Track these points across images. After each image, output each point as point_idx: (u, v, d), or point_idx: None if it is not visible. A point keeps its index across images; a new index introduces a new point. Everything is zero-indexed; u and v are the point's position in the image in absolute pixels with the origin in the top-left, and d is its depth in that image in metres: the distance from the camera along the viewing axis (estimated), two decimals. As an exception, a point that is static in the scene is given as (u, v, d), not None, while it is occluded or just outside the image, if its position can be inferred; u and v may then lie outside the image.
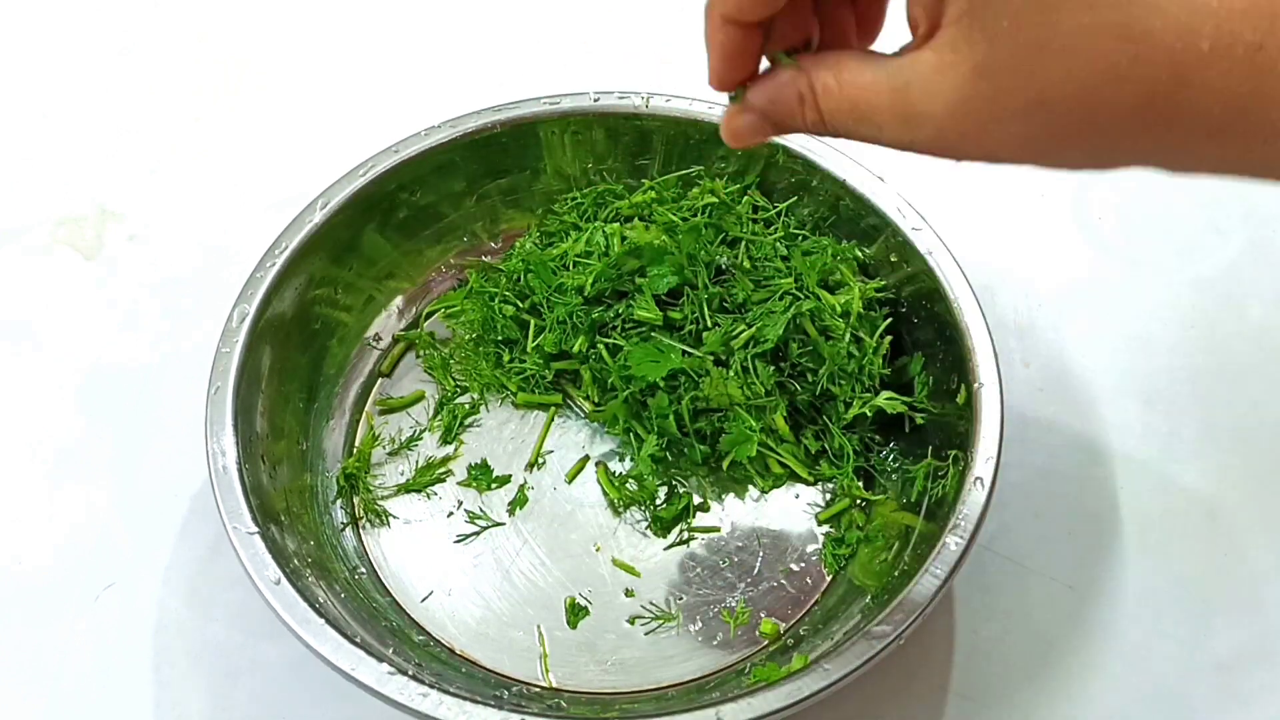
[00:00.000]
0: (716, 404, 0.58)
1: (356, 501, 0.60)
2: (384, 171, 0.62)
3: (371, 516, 0.60)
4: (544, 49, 0.85)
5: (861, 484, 0.60)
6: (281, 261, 0.58)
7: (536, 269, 0.63)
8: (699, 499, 0.60)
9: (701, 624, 0.57)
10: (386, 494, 0.61)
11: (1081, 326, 0.70)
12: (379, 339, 0.66)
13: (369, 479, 0.61)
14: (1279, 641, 0.59)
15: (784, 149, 0.63)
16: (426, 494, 0.61)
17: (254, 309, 0.57)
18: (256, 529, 0.50)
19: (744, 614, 0.57)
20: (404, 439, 0.63)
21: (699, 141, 0.65)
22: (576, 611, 0.57)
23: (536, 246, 0.66)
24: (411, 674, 0.47)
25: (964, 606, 0.59)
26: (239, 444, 0.53)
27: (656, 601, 0.57)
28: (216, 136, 0.80)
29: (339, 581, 0.54)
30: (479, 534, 0.60)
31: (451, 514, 0.60)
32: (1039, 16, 0.31)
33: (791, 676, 0.47)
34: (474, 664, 0.55)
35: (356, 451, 0.62)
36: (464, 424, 0.63)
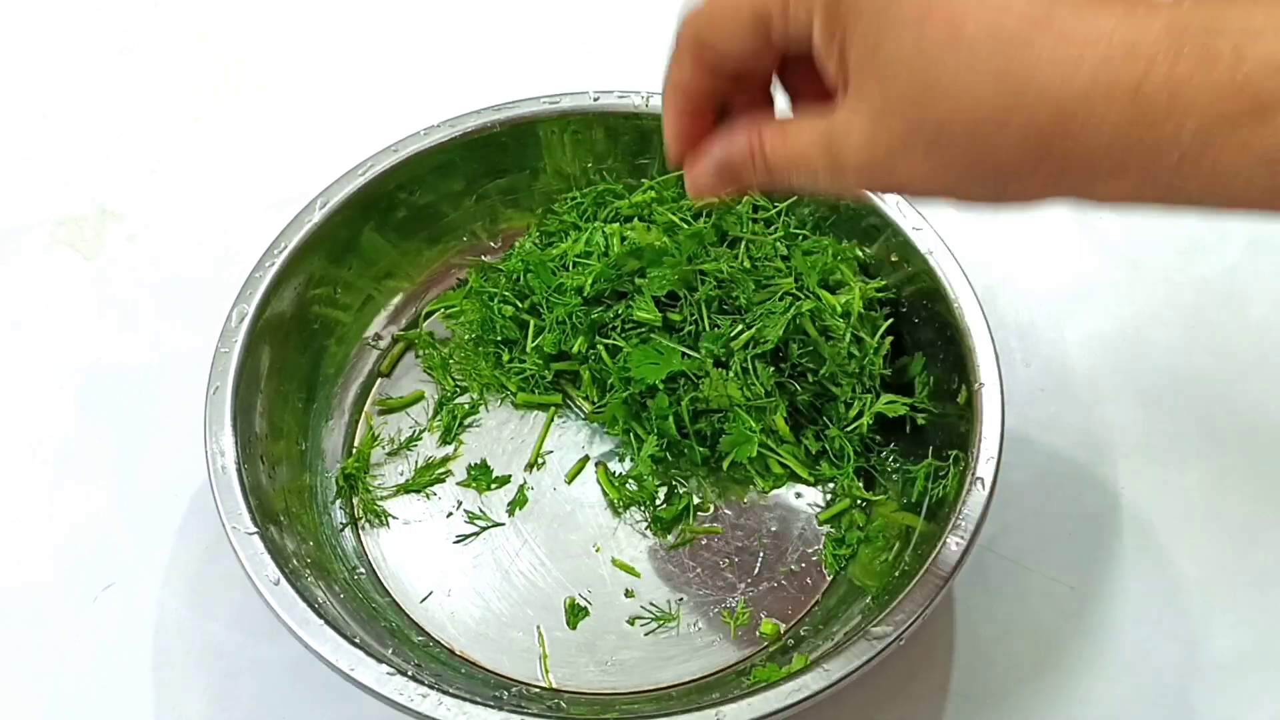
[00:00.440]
0: (716, 405, 0.58)
1: (356, 502, 0.60)
2: (383, 171, 0.62)
3: (371, 517, 0.60)
4: (544, 49, 0.85)
5: (862, 484, 0.60)
6: (280, 261, 0.58)
7: (536, 269, 0.63)
8: (699, 499, 0.60)
9: (701, 624, 0.57)
10: (386, 494, 0.61)
11: (1081, 326, 0.70)
12: (378, 339, 0.66)
13: (368, 479, 0.61)
14: (1279, 641, 0.59)
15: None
16: (426, 494, 0.61)
17: (253, 309, 0.57)
18: (256, 529, 0.50)
19: (744, 614, 0.57)
20: (403, 439, 0.63)
21: (699, 141, 0.65)
22: (576, 612, 0.57)
23: (536, 246, 0.66)
24: (411, 674, 0.47)
25: (964, 606, 0.59)
26: (238, 444, 0.53)
27: (656, 602, 0.57)
28: (216, 136, 0.80)
29: (338, 582, 0.54)
30: (478, 534, 0.60)
31: (451, 514, 0.60)
32: (924, 63, 0.34)
33: (792, 677, 0.46)
34: (473, 664, 0.55)
35: (356, 452, 0.62)
36: (463, 424, 0.63)
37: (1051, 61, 0.32)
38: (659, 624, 0.56)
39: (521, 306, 0.64)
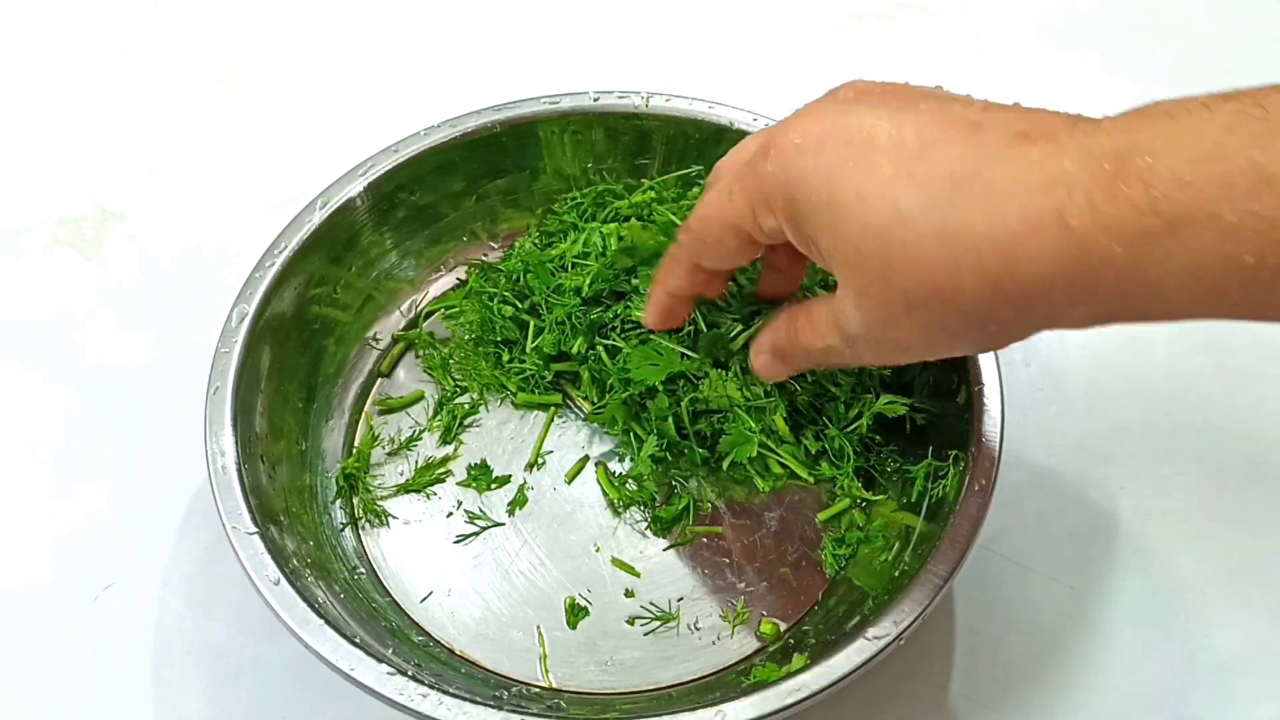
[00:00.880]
0: (716, 406, 0.58)
1: (356, 502, 0.60)
2: (383, 171, 0.62)
3: (371, 517, 0.60)
4: (544, 49, 0.85)
5: (862, 484, 0.60)
6: (280, 261, 0.58)
7: (535, 269, 0.63)
8: (699, 499, 0.60)
9: (701, 624, 0.57)
10: (386, 494, 0.61)
11: (1082, 326, 0.70)
12: (378, 339, 0.66)
13: (368, 479, 0.61)
14: (1279, 642, 0.59)
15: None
16: (426, 494, 0.61)
17: (253, 309, 0.57)
18: (256, 529, 0.50)
19: (744, 614, 0.57)
20: (403, 439, 0.63)
21: (699, 141, 0.65)
22: (576, 612, 0.57)
23: (536, 247, 0.66)
24: (411, 674, 0.47)
25: (964, 606, 0.59)
26: (238, 444, 0.53)
27: (656, 601, 0.57)
28: (216, 136, 0.80)
29: (338, 582, 0.54)
30: (479, 534, 0.60)
31: (451, 514, 0.60)
32: (875, 242, 0.37)
33: (791, 676, 0.46)
34: (473, 664, 0.55)
35: (356, 451, 0.62)
36: (463, 424, 0.63)
37: (983, 211, 0.34)
38: (659, 624, 0.56)
39: (521, 307, 0.64)
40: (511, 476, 0.62)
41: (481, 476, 0.61)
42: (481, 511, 0.60)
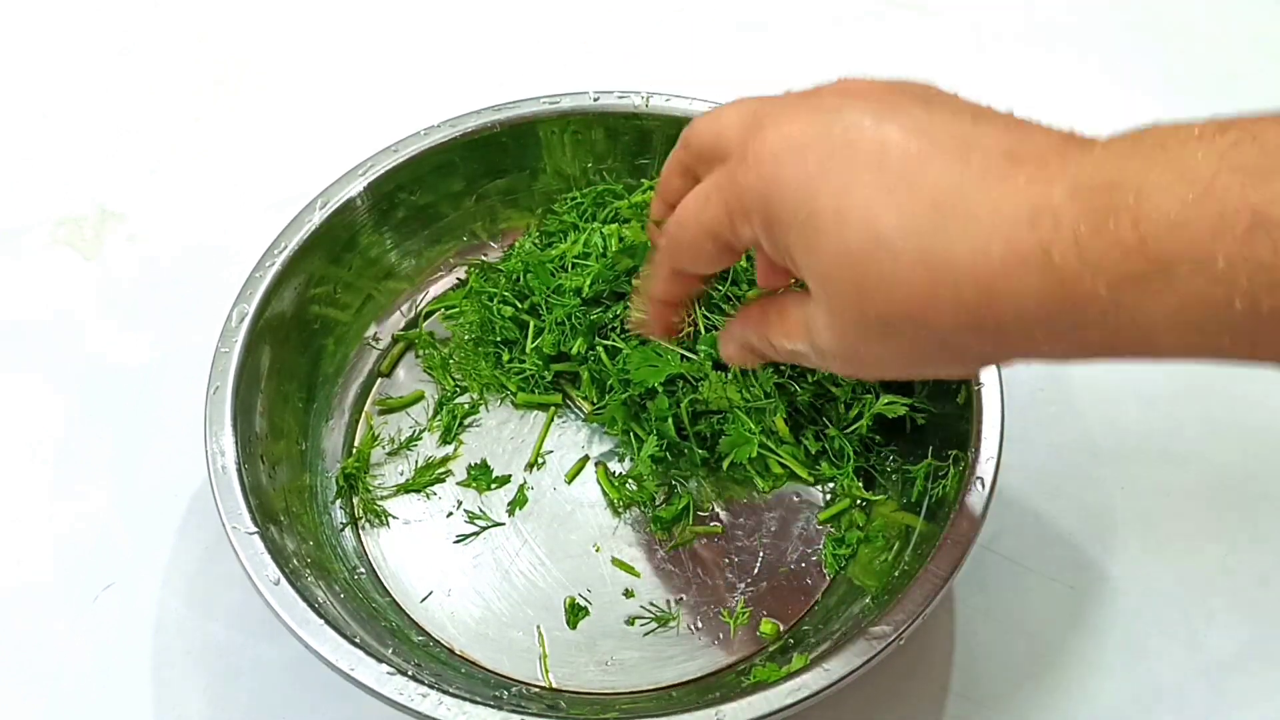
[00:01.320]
0: (716, 407, 0.58)
1: (356, 501, 0.60)
2: (384, 171, 0.62)
3: (371, 516, 0.60)
4: (544, 49, 0.85)
5: (862, 484, 0.60)
6: (280, 261, 0.58)
7: (535, 270, 0.63)
8: (699, 499, 0.60)
9: (701, 624, 0.57)
10: (386, 494, 0.61)
11: (1082, 326, 0.70)
12: (378, 339, 0.66)
13: (368, 479, 0.61)
14: (1279, 641, 0.59)
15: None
16: (426, 494, 0.61)
17: (253, 309, 0.57)
18: (256, 529, 0.50)
19: (744, 614, 0.57)
20: (403, 439, 0.63)
21: (699, 141, 0.65)
22: (576, 612, 0.57)
23: (536, 247, 0.66)
24: (411, 674, 0.47)
25: (964, 606, 0.59)
26: (238, 444, 0.53)
27: (656, 601, 0.57)
28: (216, 136, 0.80)
29: (338, 581, 0.54)
30: (479, 534, 0.60)
31: (451, 514, 0.60)
32: (851, 262, 0.36)
33: (791, 676, 0.46)
34: (473, 664, 0.55)
35: (356, 451, 0.62)
36: (463, 424, 0.63)
37: (965, 239, 0.33)
38: (659, 624, 0.56)
39: (521, 307, 0.64)
40: (511, 476, 0.62)
41: (481, 476, 0.61)
42: (481, 511, 0.60)
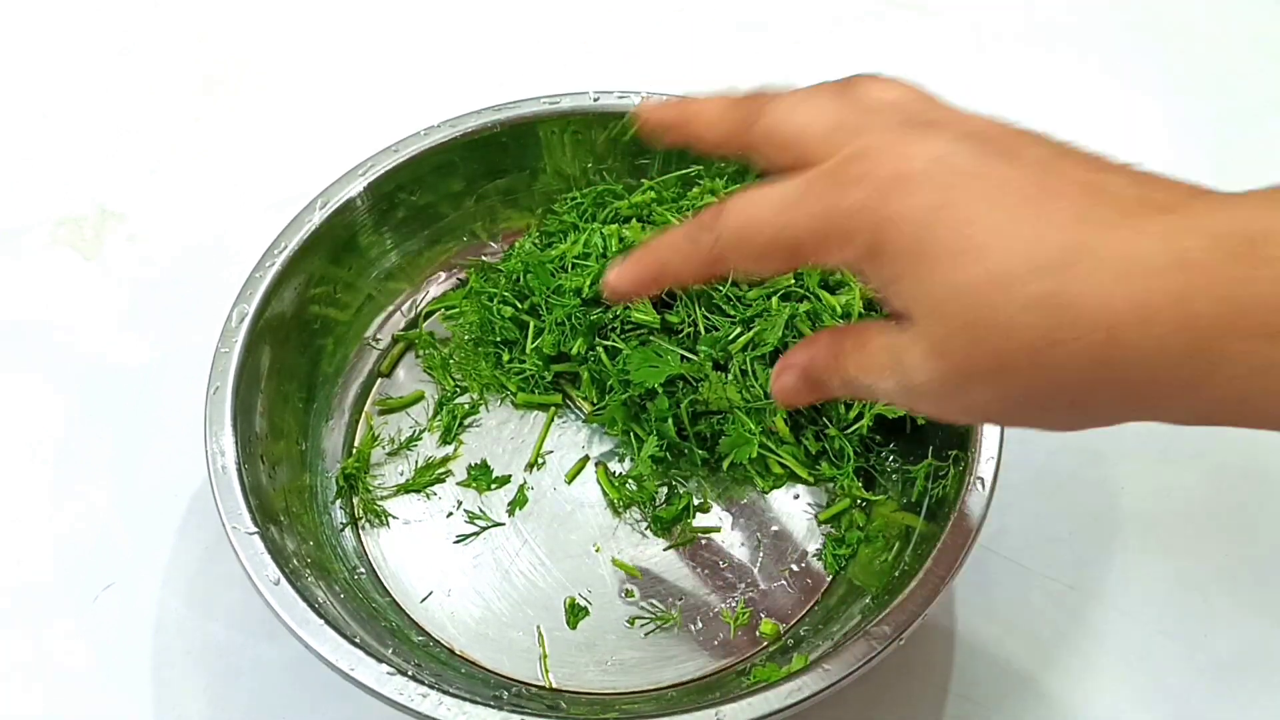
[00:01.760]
0: (716, 407, 0.58)
1: (356, 502, 0.60)
2: (384, 171, 0.62)
3: (371, 517, 0.60)
4: (544, 49, 0.85)
5: (862, 484, 0.60)
6: (280, 261, 0.58)
7: (535, 270, 0.63)
8: (699, 499, 0.60)
9: (701, 624, 0.57)
10: (386, 494, 0.61)
11: (1082, 326, 0.70)
12: (378, 339, 0.66)
13: (368, 479, 0.61)
14: (1279, 642, 0.59)
15: (784, 149, 0.63)
16: (426, 494, 0.61)
17: (253, 309, 0.57)
18: (256, 529, 0.50)
19: (744, 614, 0.57)
20: (403, 439, 0.63)
21: (699, 141, 0.65)
22: (576, 612, 0.57)
23: (536, 247, 0.66)
24: (411, 674, 0.47)
25: (964, 606, 0.59)
26: (238, 444, 0.53)
27: (656, 602, 0.57)
28: (216, 136, 0.80)
29: (338, 582, 0.54)
30: (479, 534, 0.60)
31: (451, 514, 0.60)
32: (969, 301, 0.33)
33: (791, 677, 0.46)
34: (474, 664, 0.55)
35: (356, 451, 0.62)
36: (463, 424, 0.63)
37: (1092, 282, 0.31)
38: (659, 624, 0.56)
39: (521, 307, 0.64)
40: (511, 476, 0.62)
41: (481, 476, 0.61)
42: (481, 511, 0.60)
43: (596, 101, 0.64)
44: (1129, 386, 0.33)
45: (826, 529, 0.59)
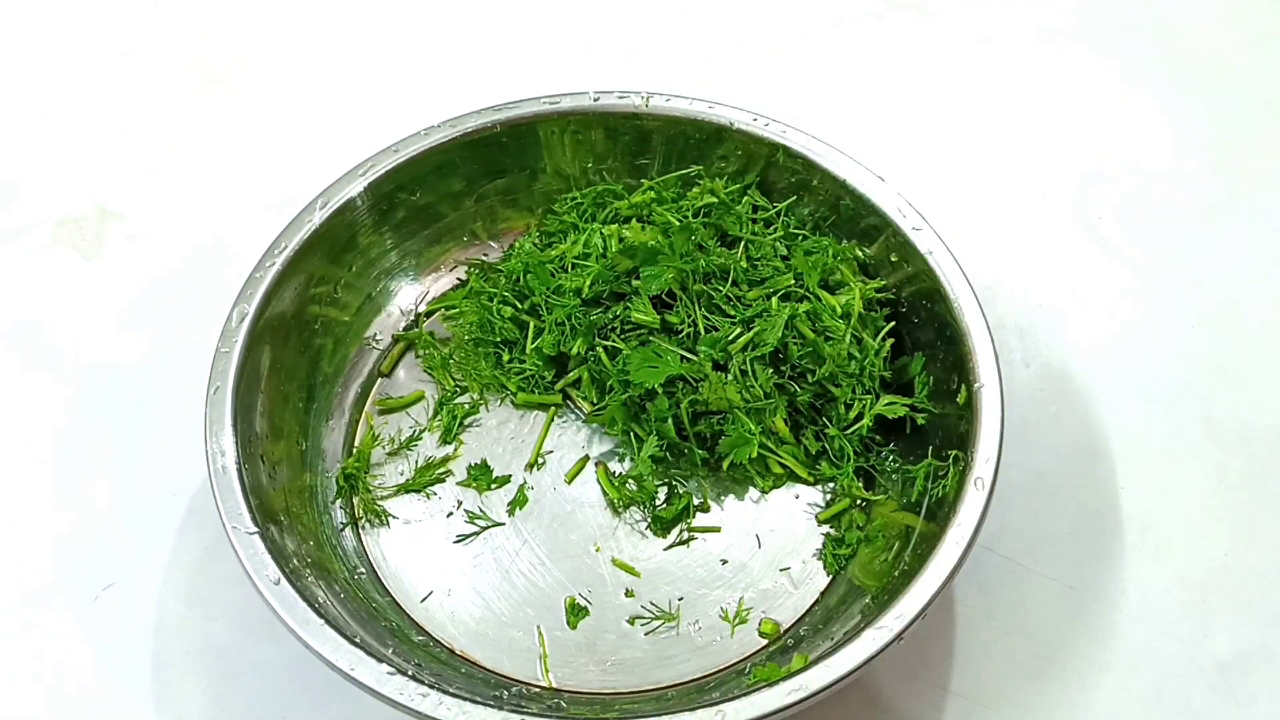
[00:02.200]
0: (716, 408, 0.58)
1: (356, 501, 0.60)
2: (384, 171, 0.62)
3: (371, 516, 0.60)
4: (544, 49, 0.85)
5: (862, 484, 0.60)
6: (281, 261, 0.58)
7: (535, 270, 0.63)
8: (699, 499, 0.60)
9: (701, 624, 0.57)
10: (386, 494, 0.61)
11: (1082, 326, 0.70)
12: (378, 339, 0.66)
13: (369, 479, 0.61)
14: (1279, 642, 0.59)
15: (784, 149, 0.63)
16: (426, 494, 0.61)
17: (253, 309, 0.57)
18: (256, 529, 0.50)
19: (744, 614, 0.57)
20: (404, 439, 0.63)
21: (699, 141, 0.65)
22: (576, 612, 0.57)
23: (536, 247, 0.66)
24: (411, 674, 0.47)
25: (964, 606, 0.59)
26: (238, 444, 0.53)
27: (656, 601, 0.57)
28: (216, 136, 0.80)
29: (338, 581, 0.54)
30: (479, 534, 0.60)
31: (451, 514, 0.60)
32: None
33: (791, 676, 0.46)
34: (474, 664, 0.55)
35: (356, 451, 0.62)
36: (464, 424, 0.63)
37: None
38: (659, 623, 0.56)
39: (521, 307, 0.64)
40: (511, 476, 0.62)
41: (481, 476, 0.61)
42: (481, 511, 0.60)
43: (596, 101, 0.64)
44: None
45: (826, 529, 0.59)
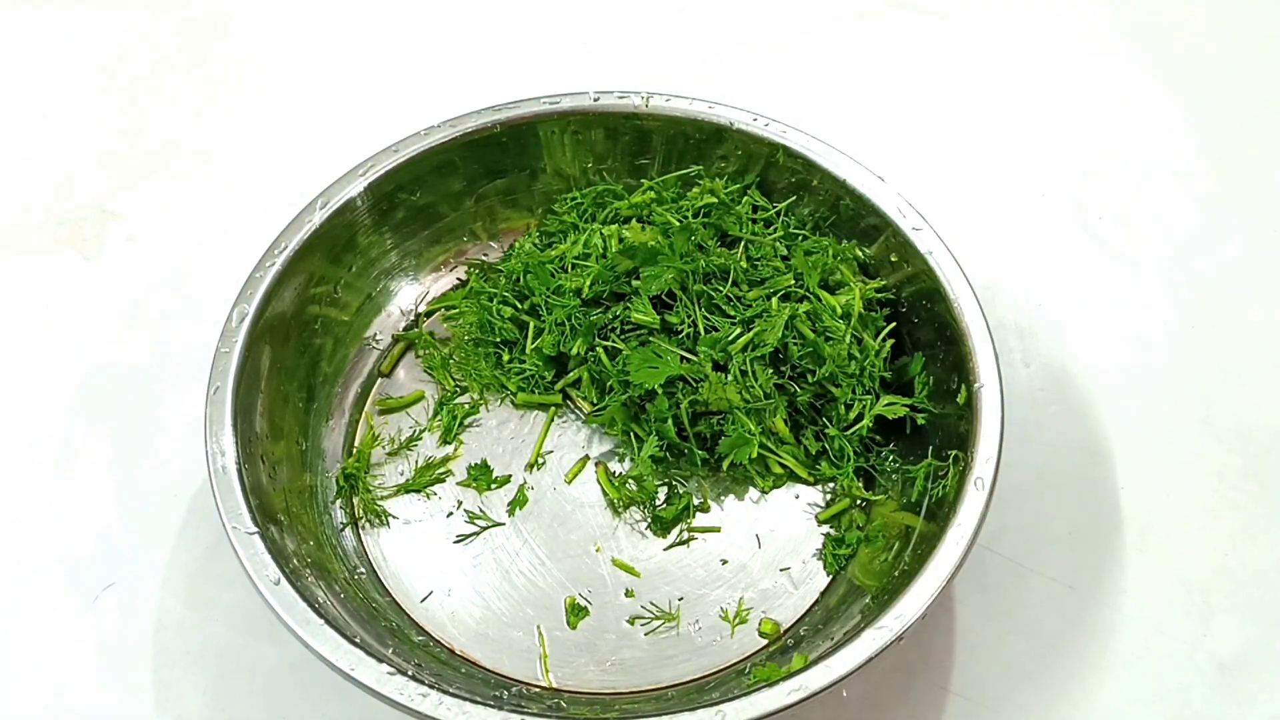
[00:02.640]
0: (716, 408, 0.58)
1: (356, 502, 0.60)
2: (384, 171, 0.62)
3: (371, 517, 0.60)
4: (544, 49, 0.85)
5: (862, 484, 0.60)
6: (281, 261, 0.58)
7: (535, 270, 0.63)
8: (699, 499, 0.60)
9: (701, 624, 0.57)
10: (386, 494, 0.61)
11: (1081, 326, 0.70)
12: (378, 339, 0.66)
13: (368, 479, 0.61)
14: (1279, 642, 0.59)
15: (784, 149, 0.63)
16: (426, 494, 0.61)
17: (253, 309, 0.57)
18: (256, 529, 0.50)
19: (744, 614, 0.57)
20: (403, 439, 0.63)
21: (699, 141, 0.65)
22: (576, 612, 0.57)
23: (536, 247, 0.66)
24: (411, 674, 0.47)
25: (964, 606, 0.59)
26: (238, 444, 0.53)
27: (657, 601, 0.57)
28: (216, 136, 0.80)
29: (338, 582, 0.54)
30: (479, 534, 0.60)
31: (451, 514, 0.60)
32: None
33: (791, 676, 0.46)
34: (474, 664, 0.55)
35: (356, 451, 0.62)
36: (464, 424, 0.63)
37: None
38: (659, 623, 0.56)
39: (521, 307, 0.64)
40: (511, 476, 0.62)
41: (481, 476, 0.61)
42: (481, 511, 0.60)
43: (596, 101, 0.64)
44: None
45: (826, 529, 0.59)
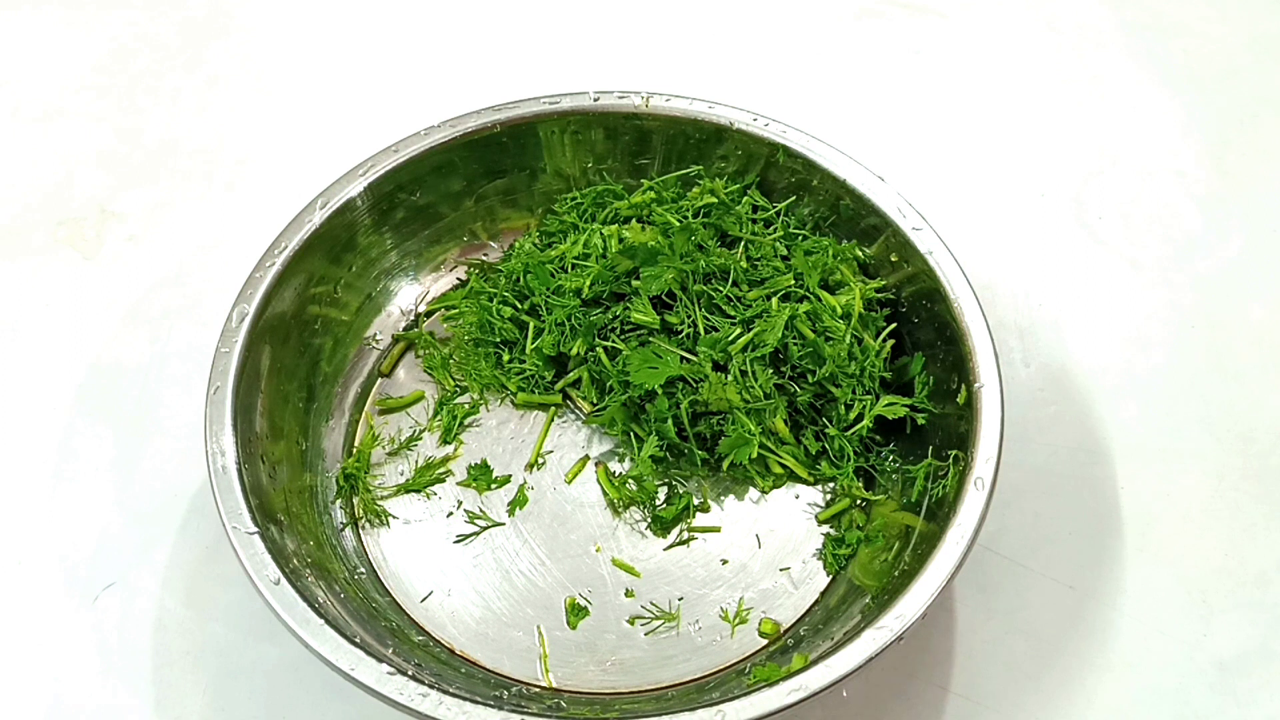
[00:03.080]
0: (716, 408, 0.58)
1: (356, 501, 0.60)
2: (384, 171, 0.62)
3: (371, 516, 0.60)
4: (544, 49, 0.86)
5: (862, 484, 0.60)
6: (281, 261, 0.58)
7: (535, 270, 0.63)
8: (699, 499, 0.60)
9: (701, 624, 0.57)
10: (386, 494, 0.61)
11: (1081, 326, 0.70)
12: (378, 339, 0.66)
13: (369, 479, 0.61)
14: (1279, 642, 0.59)
15: (784, 149, 0.63)
16: (426, 494, 0.61)
17: (253, 309, 0.57)
18: (256, 529, 0.50)
19: (744, 614, 0.57)
20: (403, 439, 0.63)
21: (699, 141, 0.65)
22: (576, 612, 0.57)
23: (536, 247, 0.66)
24: (411, 674, 0.47)
25: (964, 606, 0.59)
26: (238, 444, 0.53)
27: (657, 601, 0.57)
28: (216, 136, 0.80)
29: (338, 581, 0.54)
30: (479, 534, 0.60)
31: (451, 514, 0.60)
32: None
33: (791, 676, 0.46)
34: (474, 664, 0.55)
35: (356, 451, 0.62)
36: (464, 424, 0.63)
37: None
38: (659, 623, 0.56)
39: (521, 308, 0.64)
40: (511, 476, 0.62)
41: (481, 476, 0.61)
42: (481, 511, 0.60)
43: (596, 101, 0.64)
44: None
45: (826, 529, 0.59)
